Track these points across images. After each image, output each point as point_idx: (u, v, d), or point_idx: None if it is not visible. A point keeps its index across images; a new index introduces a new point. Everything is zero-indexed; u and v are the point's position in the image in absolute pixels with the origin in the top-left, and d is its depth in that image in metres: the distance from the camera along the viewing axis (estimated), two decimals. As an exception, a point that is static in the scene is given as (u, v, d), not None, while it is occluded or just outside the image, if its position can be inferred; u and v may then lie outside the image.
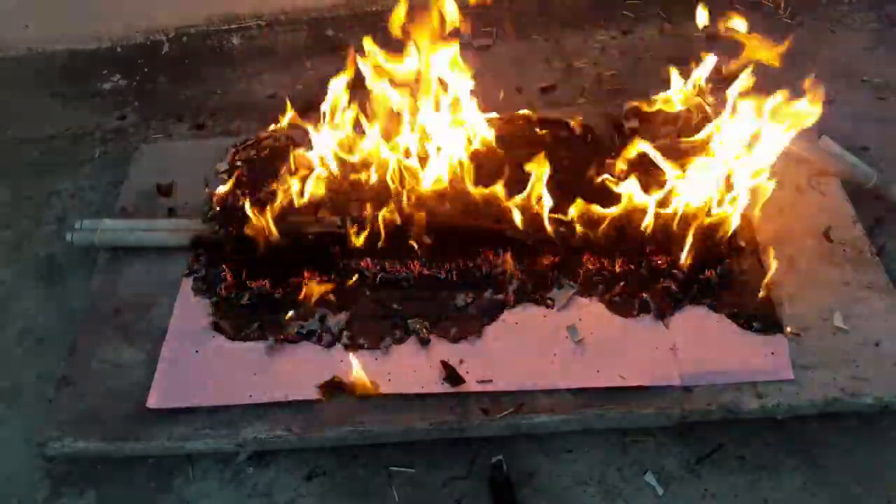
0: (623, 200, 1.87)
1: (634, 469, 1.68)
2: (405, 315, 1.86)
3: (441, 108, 1.96)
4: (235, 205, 2.08)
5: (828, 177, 2.08)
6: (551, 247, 1.91)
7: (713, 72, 2.08)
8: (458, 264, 1.92)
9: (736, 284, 1.85)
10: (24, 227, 2.38)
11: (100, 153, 2.61)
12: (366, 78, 1.98)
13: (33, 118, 2.78)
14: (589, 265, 1.90)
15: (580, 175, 2.01)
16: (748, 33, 1.95)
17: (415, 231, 1.91)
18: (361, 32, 2.92)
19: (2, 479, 1.80)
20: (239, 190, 2.13)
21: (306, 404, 1.73)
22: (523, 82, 2.67)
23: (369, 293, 1.92)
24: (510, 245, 1.92)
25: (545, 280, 1.89)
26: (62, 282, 2.19)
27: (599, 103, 2.45)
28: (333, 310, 1.89)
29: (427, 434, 1.70)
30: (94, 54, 3.03)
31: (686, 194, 1.84)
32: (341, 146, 2.06)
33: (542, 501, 1.65)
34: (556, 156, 2.05)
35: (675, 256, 1.87)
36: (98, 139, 2.67)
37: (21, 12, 2.93)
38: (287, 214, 2.00)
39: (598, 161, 2.01)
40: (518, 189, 1.90)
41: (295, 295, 1.91)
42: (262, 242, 1.96)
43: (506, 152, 2.06)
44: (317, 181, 2.01)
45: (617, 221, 1.88)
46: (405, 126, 2.00)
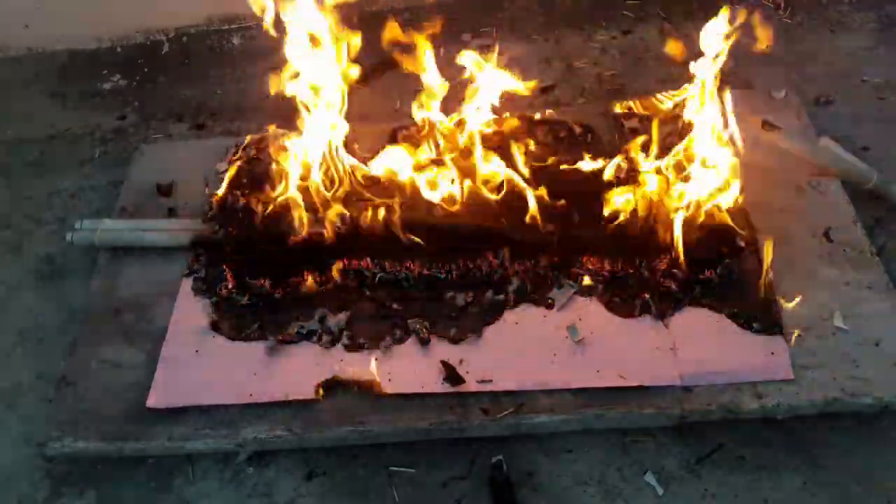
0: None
1: (634, 469, 1.68)
2: (405, 315, 1.86)
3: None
4: (235, 205, 2.08)
5: (828, 177, 2.08)
6: (551, 247, 1.91)
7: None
8: (459, 264, 1.92)
9: (736, 284, 1.85)
10: (24, 227, 2.38)
11: (100, 153, 2.61)
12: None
13: (33, 118, 2.78)
14: (589, 265, 1.90)
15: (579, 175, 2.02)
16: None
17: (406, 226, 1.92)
18: (361, 32, 2.96)
19: (2, 479, 1.80)
20: (238, 190, 2.13)
21: (306, 404, 1.73)
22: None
23: (369, 293, 1.92)
24: (510, 245, 1.92)
25: (545, 280, 1.89)
26: (62, 282, 2.19)
27: (599, 103, 2.45)
28: (333, 310, 1.89)
29: (427, 434, 1.70)
30: (94, 54, 3.03)
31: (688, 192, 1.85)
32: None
33: (542, 501, 1.65)
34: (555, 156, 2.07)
35: (675, 257, 1.87)
36: (98, 139, 2.67)
37: (21, 12, 2.93)
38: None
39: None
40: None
41: (295, 295, 1.92)
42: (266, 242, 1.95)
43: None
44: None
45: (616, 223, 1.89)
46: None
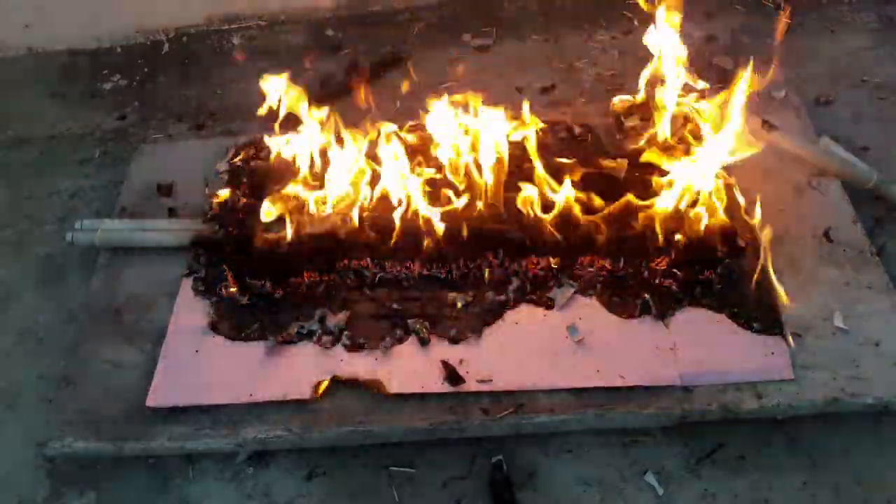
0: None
1: (634, 469, 1.68)
2: (405, 315, 1.86)
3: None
4: (235, 205, 2.08)
5: (828, 177, 2.08)
6: (551, 247, 1.91)
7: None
8: (459, 264, 1.92)
9: (736, 284, 1.85)
10: (24, 227, 2.38)
11: (100, 153, 2.61)
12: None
13: (33, 118, 2.78)
14: (589, 266, 1.90)
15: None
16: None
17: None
18: (361, 33, 2.97)
19: (2, 479, 1.80)
20: (238, 191, 2.13)
21: (306, 404, 1.73)
22: (523, 82, 2.67)
23: (369, 293, 1.92)
24: (510, 245, 1.92)
25: (545, 280, 1.89)
26: (62, 282, 2.19)
27: (599, 103, 2.45)
28: (333, 310, 1.89)
29: (427, 434, 1.70)
30: (94, 54, 3.03)
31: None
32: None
33: (542, 501, 1.65)
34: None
35: (675, 257, 1.87)
36: (98, 139, 2.67)
37: (21, 12, 2.93)
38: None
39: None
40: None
41: (295, 295, 1.92)
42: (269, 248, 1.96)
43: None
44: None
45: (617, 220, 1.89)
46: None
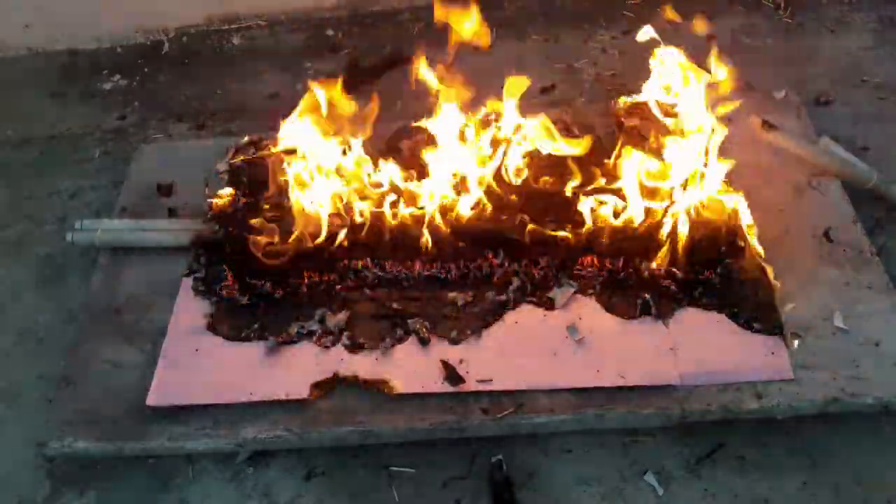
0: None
1: (634, 469, 1.68)
2: (405, 315, 1.86)
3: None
4: (235, 205, 2.08)
5: (828, 177, 2.08)
6: (551, 247, 1.91)
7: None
8: (459, 264, 1.92)
9: (736, 284, 1.85)
10: (24, 227, 2.38)
11: (100, 153, 2.61)
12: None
13: (33, 118, 2.78)
14: (589, 266, 1.90)
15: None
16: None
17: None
18: (361, 33, 2.97)
19: (2, 479, 1.80)
20: (238, 191, 2.12)
21: (306, 404, 1.73)
22: (523, 82, 2.67)
23: (369, 293, 1.92)
24: (510, 245, 1.92)
25: (545, 280, 1.89)
26: (62, 282, 2.19)
27: (599, 103, 2.45)
28: (333, 310, 1.89)
29: (427, 434, 1.70)
30: (94, 54, 3.03)
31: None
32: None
33: (542, 501, 1.65)
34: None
35: (675, 257, 1.87)
36: (98, 139, 2.67)
37: (21, 12, 2.93)
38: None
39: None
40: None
41: (295, 295, 1.92)
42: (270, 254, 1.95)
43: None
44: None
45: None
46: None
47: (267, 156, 2.08)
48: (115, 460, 1.77)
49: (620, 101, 2.19)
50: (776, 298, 1.80)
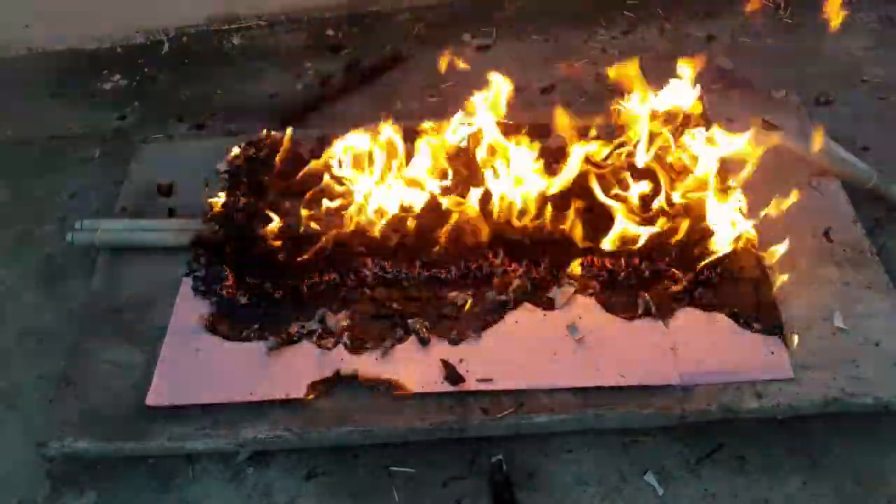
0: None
1: (634, 469, 1.68)
2: (405, 315, 1.86)
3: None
4: (235, 205, 2.08)
5: (828, 177, 2.08)
6: (551, 247, 1.91)
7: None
8: (459, 265, 1.92)
9: (736, 284, 1.85)
10: (24, 227, 2.38)
11: (100, 153, 2.61)
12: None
13: (33, 118, 2.78)
14: (589, 266, 1.90)
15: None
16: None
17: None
18: (361, 33, 2.97)
19: (2, 479, 1.79)
20: (238, 191, 2.13)
21: (307, 404, 1.73)
22: (523, 82, 2.67)
23: (369, 293, 1.92)
24: (510, 246, 1.92)
25: (545, 280, 1.89)
26: (62, 282, 2.19)
27: (599, 103, 2.45)
28: (333, 310, 1.89)
29: (427, 434, 1.70)
30: (94, 54, 3.03)
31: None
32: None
33: (542, 501, 1.65)
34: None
35: (675, 257, 1.87)
36: (98, 139, 2.67)
37: (21, 12, 2.93)
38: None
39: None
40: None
41: (295, 295, 1.92)
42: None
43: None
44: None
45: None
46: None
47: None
48: (115, 460, 1.77)
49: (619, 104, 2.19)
50: (776, 298, 1.80)
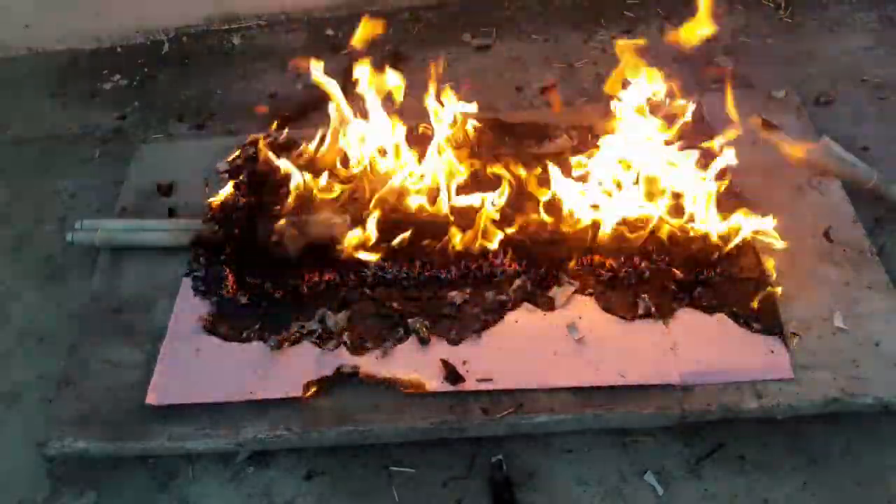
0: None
1: (634, 469, 1.68)
2: (405, 315, 1.86)
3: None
4: (235, 205, 2.08)
5: (828, 177, 2.08)
6: (551, 247, 1.91)
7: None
8: (459, 264, 1.92)
9: (736, 284, 1.85)
10: (24, 227, 2.38)
11: (100, 153, 2.61)
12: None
13: (33, 118, 2.78)
14: (589, 266, 1.90)
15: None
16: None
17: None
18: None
19: (2, 479, 1.80)
20: (238, 191, 2.13)
21: (307, 404, 1.73)
22: (523, 82, 2.68)
23: (369, 293, 1.92)
24: (510, 246, 1.92)
25: (545, 280, 1.89)
26: (62, 282, 2.19)
27: (599, 103, 2.45)
28: (333, 310, 1.89)
29: (427, 434, 1.70)
30: (94, 54, 3.03)
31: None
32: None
33: (542, 501, 1.65)
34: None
35: (675, 256, 1.87)
36: (98, 139, 2.67)
37: (21, 12, 2.93)
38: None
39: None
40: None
41: (295, 295, 1.92)
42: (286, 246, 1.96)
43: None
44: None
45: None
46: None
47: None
48: (115, 460, 1.77)
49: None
50: (776, 298, 1.80)
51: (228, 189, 2.12)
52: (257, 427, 1.71)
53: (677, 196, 1.90)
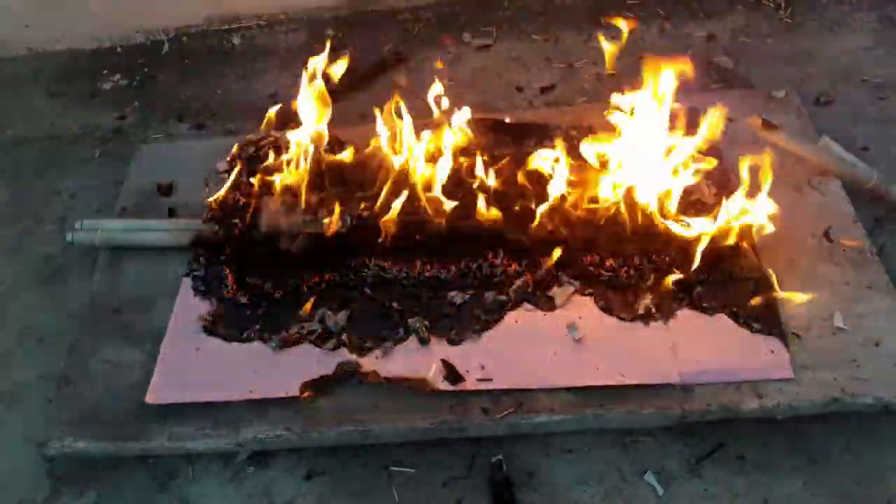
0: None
1: (634, 469, 1.68)
2: (405, 315, 1.86)
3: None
4: (236, 204, 2.08)
5: (828, 177, 2.08)
6: (551, 247, 1.91)
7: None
8: (459, 264, 1.92)
9: (736, 284, 1.85)
10: (24, 227, 2.38)
11: (100, 153, 2.61)
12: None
13: (33, 118, 2.78)
14: (589, 266, 1.90)
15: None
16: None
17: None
18: (361, 32, 2.97)
19: (2, 479, 1.80)
20: (238, 191, 2.13)
21: (307, 404, 1.73)
22: (523, 82, 2.67)
23: (369, 293, 1.92)
24: (510, 246, 1.92)
25: (545, 279, 1.89)
26: (62, 282, 2.19)
27: (599, 103, 2.45)
28: (333, 310, 1.89)
29: (427, 434, 1.70)
30: (94, 54, 3.03)
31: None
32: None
33: (542, 501, 1.65)
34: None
35: (675, 256, 1.87)
36: (98, 139, 2.67)
37: (21, 12, 2.93)
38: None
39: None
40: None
41: (295, 295, 1.92)
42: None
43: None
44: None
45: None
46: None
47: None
48: (115, 460, 1.77)
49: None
50: (776, 298, 1.80)
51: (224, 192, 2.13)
52: (257, 427, 1.71)
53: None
